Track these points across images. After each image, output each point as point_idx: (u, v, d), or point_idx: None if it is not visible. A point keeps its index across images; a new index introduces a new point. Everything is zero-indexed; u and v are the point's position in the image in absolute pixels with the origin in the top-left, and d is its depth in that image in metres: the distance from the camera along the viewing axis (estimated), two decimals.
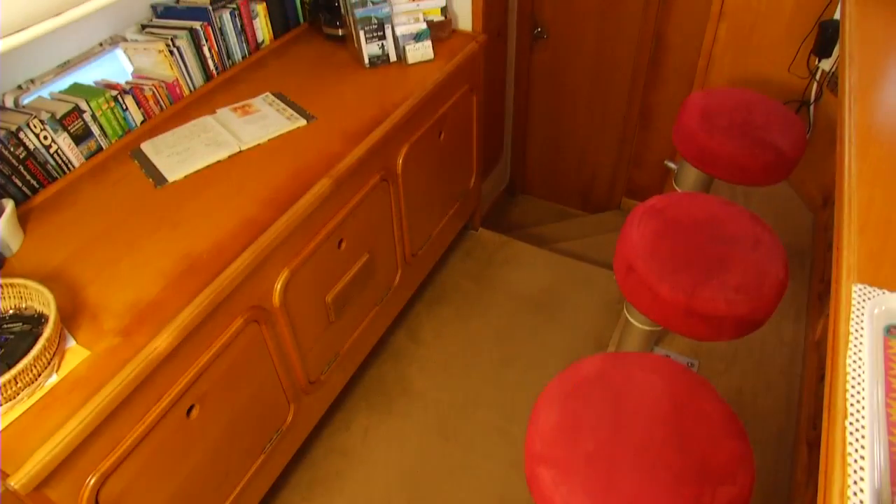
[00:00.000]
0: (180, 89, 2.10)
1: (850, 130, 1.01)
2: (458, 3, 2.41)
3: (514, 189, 3.89)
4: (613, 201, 3.70)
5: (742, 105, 1.94)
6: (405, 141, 2.07)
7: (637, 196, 3.61)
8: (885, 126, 1.03)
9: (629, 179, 3.57)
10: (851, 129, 1.01)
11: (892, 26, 1.36)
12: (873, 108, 1.07)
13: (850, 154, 0.96)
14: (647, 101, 3.26)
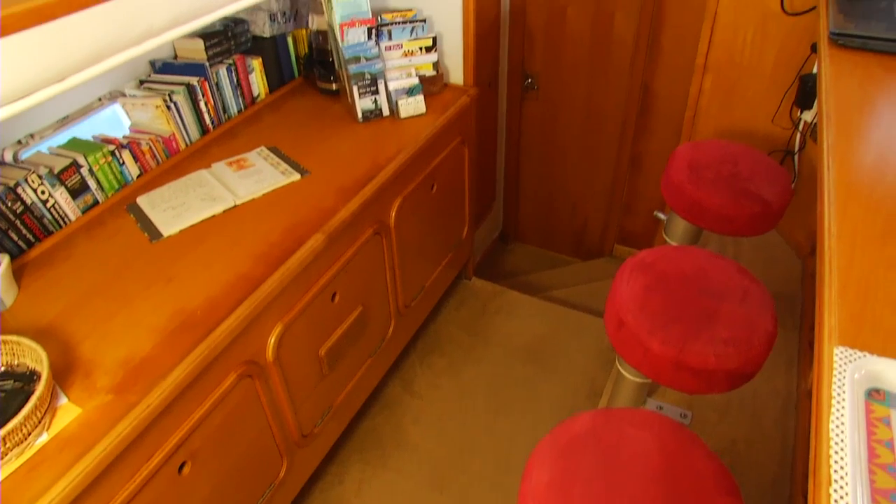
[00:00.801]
0: (177, 143, 2.13)
1: (830, 190, 1.04)
2: (449, 57, 2.47)
3: (507, 237, 3.92)
4: (606, 248, 3.73)
5: (728, 157, 1.98)
6: (398, 194, 2.10)
7: (629, 243, 3.64)
8: (863, 185, 1.06)
9: (621, 226, 3.61)
10: (831, 189, 1.04)
11: (866, 86, 1.41)
12: (851, 167, 1.10)
13: (829, 214, 0.99)
14: (636, 150, 3.31)
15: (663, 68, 3.05)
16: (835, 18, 1.69)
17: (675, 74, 2.98)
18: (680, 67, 2.86)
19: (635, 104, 3.18)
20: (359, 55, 2.17)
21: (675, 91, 2.91)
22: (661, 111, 3.16)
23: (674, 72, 2.99)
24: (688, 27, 2.74)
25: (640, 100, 3.18)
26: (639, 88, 3.14)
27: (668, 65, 3.02)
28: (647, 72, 3.10)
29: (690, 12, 2.71)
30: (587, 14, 3.10)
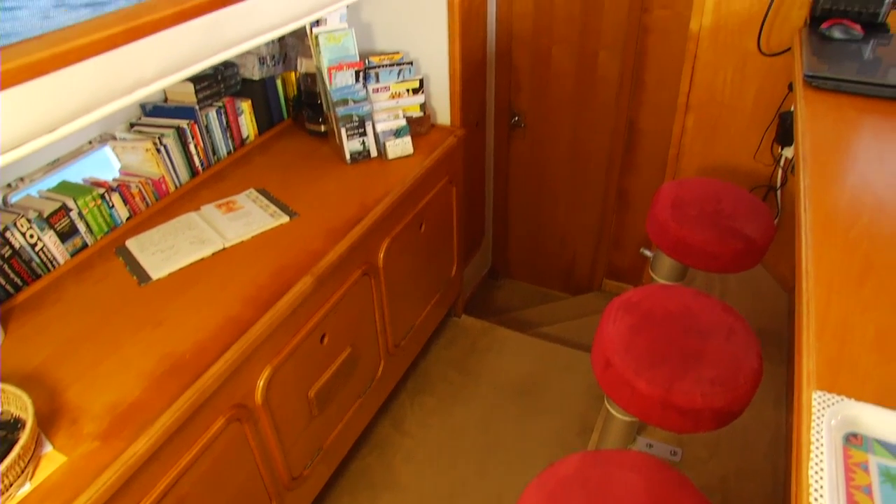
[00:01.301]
0: (166, 186, 2.15)
1: (807, 232, 1.06)
2: (436, 98, 2.52)
3: (496, 273, 3.93)
4: (595, 283, 3.75)
5: (711, 195, 2.01)
6: (386, 235, 2.11)
7: (618, 277, 3.67)
8: (839, 226, 1.08)
9: (609, 261, 3.64)
10: (808, 231, 1.06)
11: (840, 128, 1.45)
12: (827, 208, 1.13)
13: (807, 256, 1.01)
14: (623, 186, 3.36)
15: (648, 105, 3.11)
16: (808, 60, 1.74)
17: (659, 111, 3.04)
18: (664, 104, 2.92)
19: (621, 141, 3.24)
20: (347, 98, 2.20)
21: (660, 127, 2.96)
22: (646, 147, 3.21)
23: (658, 109, 3.05)
24: (670, 65, 2.80)
25: (626, 136, 3.23)
26: (624, 125, 3.19)
27: (653, 102, 3.08)
28: (631, 109, 3.16)
29: (672, 51, 2.78)
30: (572, 53, 3.16)
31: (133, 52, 1.18)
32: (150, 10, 1.16)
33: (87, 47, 1.07)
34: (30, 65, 0.98)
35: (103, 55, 1.12)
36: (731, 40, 2.28)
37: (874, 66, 1.71)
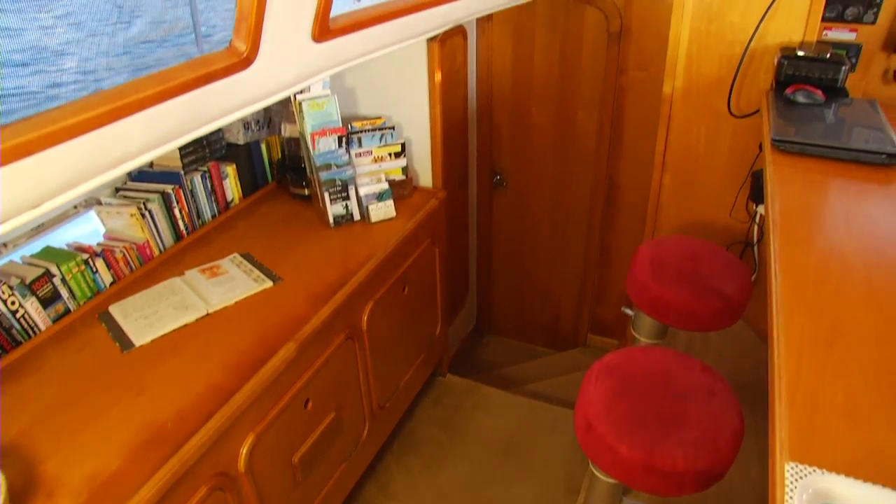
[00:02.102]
0: (150, 250, 2.16)
1: (777, 298, 1.09)
2: (418, 161, 2.57)
3: (481, 329, 3.94)
4: (579, 338, 3.76)
5: (689, 254, 2.05)
6: (370, 298, 2.13)
7: (602, 332, 3.69)
8: (807, 292, 1.11)
9: (593, 316, 3.66)
10: (778, 297, 1.09)
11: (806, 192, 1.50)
12: (795, 274, 1.16)
13: (777, 323, 1.03)
14: (604, 241, 3.41)
15: (626, 162, 3.19)
16: (775, 124, 1.80)
17: (638, 168, 3.12)
18: (642, 161, 2.99)
19: (601, 197, 3.30)
20: (330, 162, 2.25)
21: (639, 183, 3.03)
22: (626, 203, 3.28)
23: (637, 165, 3.12)
24: (647, 124, 2.88)
25: (606, 193, 3.29)
26: (604, 182, 3.26)
27: (631, 159, 3.16)
28: (611, 166, 3.23)
29: (648, 110, 2.86)
30: (551, 112, 3.25)
31: (119, 129, 1.21)
32: (136, 90, 1.19)
33: (73, 127, 1.10)
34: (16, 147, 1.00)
35: (89, 134, 1.14)
36: (703, 102, 2.36)
37: (837, 129, 1.77)
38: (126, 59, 2.20)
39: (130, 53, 2.20)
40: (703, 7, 2.22)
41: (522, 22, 3.08)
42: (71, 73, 1.87)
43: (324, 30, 1.51)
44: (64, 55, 1.91)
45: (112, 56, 2.11)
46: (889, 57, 2.48)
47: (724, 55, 2.25)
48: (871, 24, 2.43)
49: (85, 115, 1.12)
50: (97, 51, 2.08)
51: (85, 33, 2.02)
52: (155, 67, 1.31)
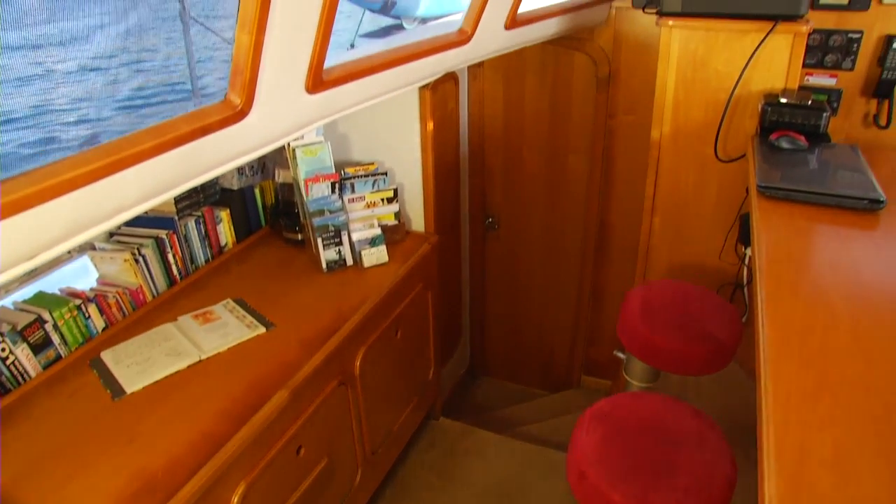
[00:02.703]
0: (143, 295, 2.16)
1: (764, 347, 1.10)
2: (410, 206, 2.60)
3: (474, 371, 3.93)
4: (573, 379, 3.76)
5: (679, 298, 2.07)
6: (362, 343, 2.13)
7: (595, 373, 3.68)
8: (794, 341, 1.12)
9: (586, 357, 3.66)
10: (765, 347, 1.10)
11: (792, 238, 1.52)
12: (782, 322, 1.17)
13: (765, 372, 1.04)
14: (597, 282, 3.43)
15: (617, 204, 3.23)
16: (760, 170, 1.84)
17: (628, 209, 3.16)
18: (633, 203, 3.03)
19: (592, 239, 3.33)
20: (323, 208, 2.27)
21: (631, 225, 3.06)
22: (617, 244, 3.31)
23: (627, 207, 3.16)
24: (636, 166, 2.93)
25: (597, 235, 3.33)
26: (595, 224, 3.30)
27: (622, 201, 3.20)
28: (602, 208, 3.27)
29: (637, 153, 2.91)
30: (542, 155, 3.30)
31: (115, 182, 1.23)
32: (132, 144, 1.21)
33: (70, 182, 1.12)
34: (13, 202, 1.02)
35: (85, 187, 1.16)
36: (691, 147, 2.40)
37: (820, 175, 1.81)
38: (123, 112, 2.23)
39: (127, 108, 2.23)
40: (688, 56, 2.27)
41: (513, 67, 3.15)
42: (69, 126, 1.90)
43: (317, 81, 1.55)
44: (63, 110, 1.95)
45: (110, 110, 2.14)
46: (868, 101, 2.55)
47: (709, 102, 2.30)
48: (850, 71, 2.51)
49: (81, 169, 1.14)
50: (95, 105, 2.11)
51: (83, 89, 2.05)
52: (152, 119, 1.34)
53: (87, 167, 1.14)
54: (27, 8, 1.47)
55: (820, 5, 2.47)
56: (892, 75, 2.42)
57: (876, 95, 2.51)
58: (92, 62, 2.06)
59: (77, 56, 1.97)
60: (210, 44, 2.25)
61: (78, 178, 1.13)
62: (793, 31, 2.12)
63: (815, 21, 2.44)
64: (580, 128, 3.16)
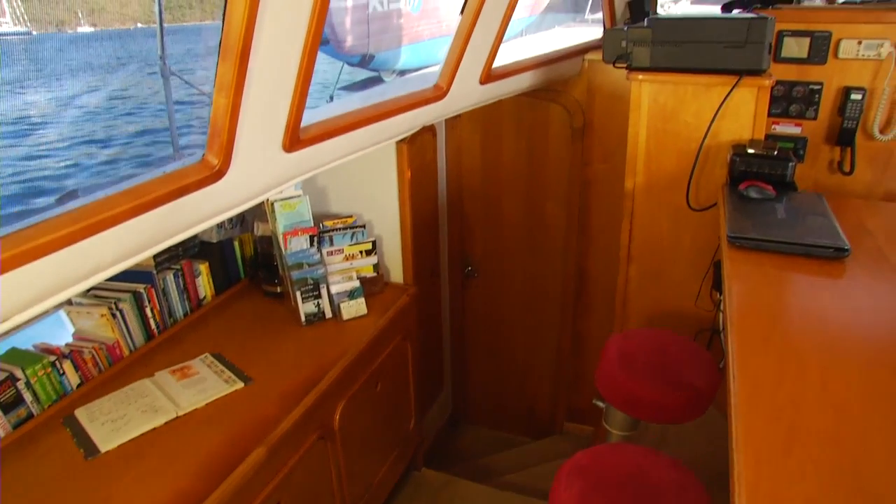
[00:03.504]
0: (120, 350, 2.14)
1: (735, 402, 1.12)
2: (389, 257, 2.61)
3: (457, 418, 3.91)
4: (556, 426, 3.74)
5: (657, 346, 2.09)
6: (342, 397, 2.12)
7: (578, 419, 3.68)
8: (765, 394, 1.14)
9: (569, 403, 3.66)
10: (736, 400, 1.12)
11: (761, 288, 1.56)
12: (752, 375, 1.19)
13: (736, 426, 1.06)
14: (577, 329, 3.45)
15: (596, 251, 3.27)
16: (730, 220, 1.88)
17: (607, 256, 3.19)
18: (611, 249, 3.07)
19: (572, 285, 3.36)
20: (301, 262, 2.28)
21: (609, 272, 3.10)
22: (597, 291, 3.34)
23: (606, 254, 3.20)
24: (613, 213, 2.98)
25: (577, 281, 3.36)
26: (574, 270, 3.33)
27: (600, 247, 3.24)
28: (580, 255, 3.31)
29: (614, 200, 2.96)
30: (520, 203, 3.35)
31: (92, 244, 1.23)
32: (109, 206, 1.22)
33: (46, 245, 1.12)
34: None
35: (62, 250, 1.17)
36: (664, 196, 2.45)
37: (788, 224, 1.85)
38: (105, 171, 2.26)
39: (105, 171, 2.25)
40: (658, 108, 2.34)
41: (490, 118, 3.21)
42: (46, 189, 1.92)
43: (294, 140, 1.57)
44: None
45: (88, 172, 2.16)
46: (832, 149, 2.63)
47: (680, 152, 2.36)
48: (813, 120, 2.60)
49: (57, 233, 1.15)
50: (73, 167, 2.13)
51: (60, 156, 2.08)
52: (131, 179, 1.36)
53: (63, 230, 1.15)
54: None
55: (782, 58, 2.57)
56: (852, 124, 2.51)
57: (839, 143, 2.60)
58: (72, 125, 2.09)
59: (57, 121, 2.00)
60: (190, 96, 2.28)
61: (54, 242, 1.14)
62: (756, 85, 2.19)
63: (778, 73, 2.54)
64: (557, 176, 3.22)
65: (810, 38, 2.52)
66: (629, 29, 2.29)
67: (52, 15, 8.31)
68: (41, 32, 6.71)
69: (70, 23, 9.32)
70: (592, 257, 3.28)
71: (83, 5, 9.70)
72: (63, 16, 9.01)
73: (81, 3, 9.54)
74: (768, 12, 2.51)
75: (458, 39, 2.10)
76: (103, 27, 10.75)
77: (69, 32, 8.76)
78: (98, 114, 6.75)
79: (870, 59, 2.46)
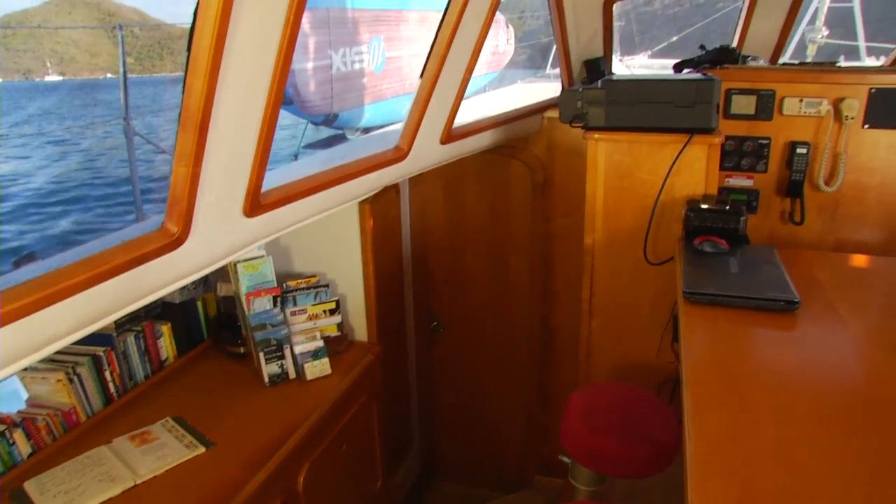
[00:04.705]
0: (77, 416, 2.09)
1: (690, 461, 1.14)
2: (353, 316, 2.61)
3: (428, 475, 3.85)
4: (526, 479, 3.72)
5: (619, 401, 2.11)
6: (306, 459, 2.09)
7: (548, 472, 3.65)
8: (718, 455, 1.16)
9: (538, 457, 3.64)
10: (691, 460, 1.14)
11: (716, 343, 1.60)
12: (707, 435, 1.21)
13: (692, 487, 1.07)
14: (544, 382, 3.46)
15: (560, 304, 3.31)
16: (685, 275, 1.93)
17: (571, 309, 3.21)
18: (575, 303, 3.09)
19: (537, 339, 3.38)
20: (265, 322, 2.27)
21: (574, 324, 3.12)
22: (563, 344, 3.36)
23: (570, 307, 3.23)
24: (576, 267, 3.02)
25: (542, 334, 3.38)
26: (539, 324, 3.36)
27: (564, 301, 3.28)
28: (545, 308, 3.34)
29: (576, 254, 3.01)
30: (484, 258, 3.39)
31: (49, 315, 1.22)
32: (65, 277, 1.22)
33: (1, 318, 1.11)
34: None
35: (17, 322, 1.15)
36: (623, 251, 2.50)
37: (740, 278, 1.91)
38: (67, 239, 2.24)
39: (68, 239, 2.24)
40: (614, 165, 2.41)
41: (453, 174, 3.27)
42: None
43: (255, 206, 1.59)
44: None
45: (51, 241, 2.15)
46: (783, 200, 2.72)
47: (637, 208, 2.42)
48: (764, 173, 2.70)
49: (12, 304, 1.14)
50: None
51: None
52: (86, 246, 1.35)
53: (17, 303, 1.14)
54: None
55: (732, 115, 2.68)
56: (800, 177, 2.61)
57: (789, 195, 2.69)
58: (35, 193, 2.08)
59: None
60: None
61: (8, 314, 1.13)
62: (707, 143, 2.28)
63: (730, 128, 2.64)
64: (520, 231, 3.27)
65: (757, 97, 2.64)
66: (584, 90, 2.37)
67: (19, 63, 8.35)
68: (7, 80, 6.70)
69: (37, 71, 9.36)
70: (557, 310, 3.32)
71: (52, 54, 9.78)
72: (30, 64, 9.05)
73: (50, 53, 9.62)
74: (717, 72, 2.63)
75: (417, 102, 2.15)
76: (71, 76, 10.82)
77: (36, 80, 8.78)
78: (63, 174, 6.72)
79: (812, 116, 2.58)
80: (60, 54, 47.91)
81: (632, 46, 24.41)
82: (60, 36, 49.09)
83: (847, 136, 2.55)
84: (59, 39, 48.93)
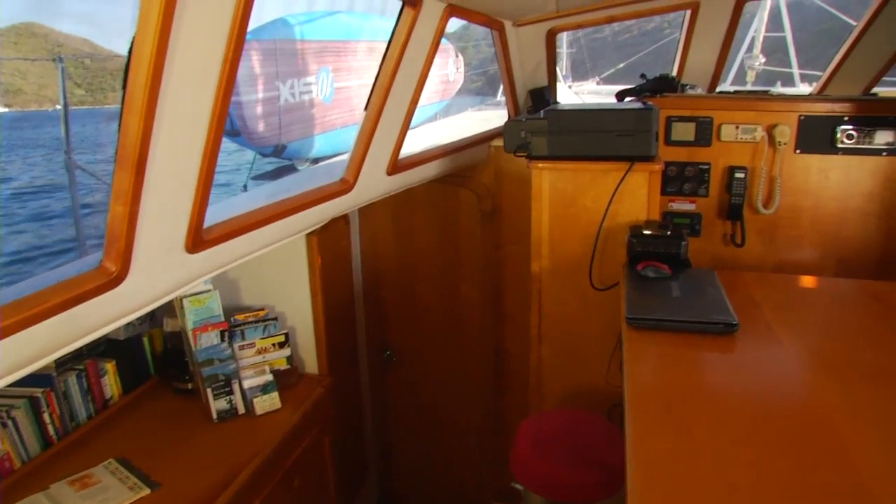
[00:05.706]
0: (10, 463, 2.01)
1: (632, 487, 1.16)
2: (303, 348, 2.59)
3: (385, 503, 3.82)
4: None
5: (568, 426, 2.13)
6: (257, 496, 2.05)
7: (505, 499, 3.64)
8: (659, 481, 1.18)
9: (495, 485, 3.63)
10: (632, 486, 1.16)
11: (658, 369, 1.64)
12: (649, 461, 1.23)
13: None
14: (498, 409, 3.47)
15: (512, 331, 3.33)
16: (629, 300, 1.97)
17: (522, 336, 3.25)
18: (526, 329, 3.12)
19: (490, 366, 3.40)
20: (212, 357, 2.24)
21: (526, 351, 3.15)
22: (515, 370, 3.38)
23: (521, 334, 3.25)
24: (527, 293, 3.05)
25: (495, 361, 3.40)
26: (491, 351, 3.38)
27: (516, 328, 3.31)
28: (497, 335, 3.36)
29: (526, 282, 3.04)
30: (436, 286, 3.40)
31: None
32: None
33: None
34: None
35: None
36: (569, 277, 2.54)
37: (681, 302, 1.96)
38: None
39: None
40: (558, 194, 2.45)
41: (402, 204, 3.28)
42: None
43: (197, 241, 1.57)
44: None
45: None
46: (724, 223, 2.81)
47: (582, 235, 2.47)
48: (705, 197, 2.78)
49: None
50: None
51: None
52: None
53: None
54: None
55: (672, 141, 2.76)
56: (739, 200, 2.71)
57: (729, 218, 2.78)
58: None
59: None
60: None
61: None
62: (648, 170, 2.34)
63: (671, 155, 2.72)
64: (470, 259, 3.29)
65: (696, 123, 2.73)
66: (527, 120, 2.42)
67: None
68: None
69: None
70: (509, 337, 3.34)
71: None
72: None
73: None
74: (657, 101, 2.72)
75: (362, 135, 2.17)
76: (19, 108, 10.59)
77: None
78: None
79: (748, 142, 2.68)
80: (6, 86, 46.84)
81: (584, 72, 25.02)
82: (6, 67, 48.09)
83: (781, 160, 2.66)
84: (3, 70, 47.91)
